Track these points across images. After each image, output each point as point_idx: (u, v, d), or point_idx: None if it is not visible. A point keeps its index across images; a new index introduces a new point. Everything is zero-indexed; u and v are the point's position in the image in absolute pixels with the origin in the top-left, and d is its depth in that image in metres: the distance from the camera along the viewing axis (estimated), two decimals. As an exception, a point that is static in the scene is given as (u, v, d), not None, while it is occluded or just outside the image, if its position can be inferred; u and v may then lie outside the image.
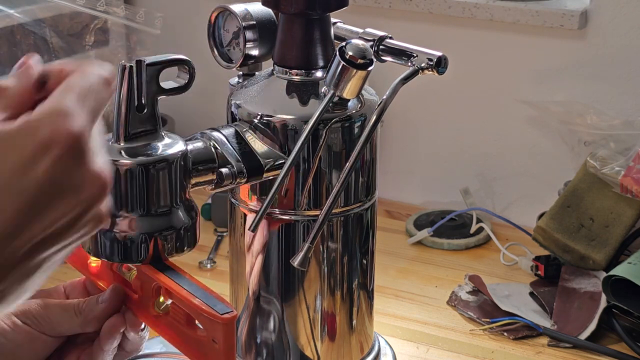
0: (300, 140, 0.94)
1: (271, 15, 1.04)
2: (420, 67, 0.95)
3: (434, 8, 1.55)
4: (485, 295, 1.33)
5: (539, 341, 1.26)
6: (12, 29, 1.47)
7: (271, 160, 0.97)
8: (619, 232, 1.37)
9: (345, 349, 1.08)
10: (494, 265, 1.45)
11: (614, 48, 1.47)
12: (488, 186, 1.60)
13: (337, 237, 1.04)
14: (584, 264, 1.37)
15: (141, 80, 0.86)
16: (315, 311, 1.05)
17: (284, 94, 1.00)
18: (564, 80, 1.51)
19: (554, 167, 1.54)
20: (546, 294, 1.34)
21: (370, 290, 1.09)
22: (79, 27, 1.53)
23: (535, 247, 1.42)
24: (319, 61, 1.00)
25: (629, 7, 1.45)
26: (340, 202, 1.02)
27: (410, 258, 1.48)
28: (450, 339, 1.27)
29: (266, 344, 1.07)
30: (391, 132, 1.64)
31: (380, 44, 1.00)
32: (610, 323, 1.26)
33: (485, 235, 1.51)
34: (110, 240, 0.88)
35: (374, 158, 1.04)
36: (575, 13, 1.47)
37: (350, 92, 0.94)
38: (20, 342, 0.89)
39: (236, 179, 0.95)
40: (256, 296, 1.06)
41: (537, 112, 1.53)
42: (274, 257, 1.03)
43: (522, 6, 1.49)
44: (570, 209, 1.40)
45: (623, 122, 1.43)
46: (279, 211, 1.01)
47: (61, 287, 0.96)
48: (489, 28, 1.54)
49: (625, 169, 1.35)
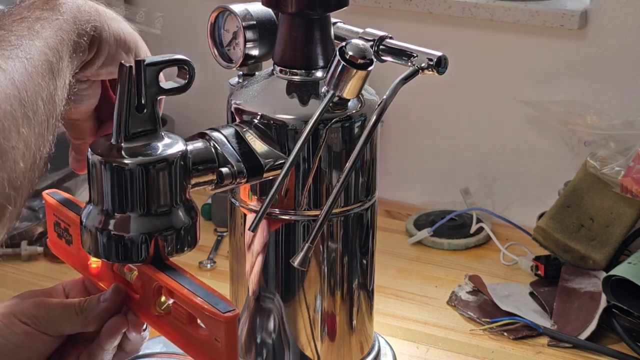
0: (300, 140, 0.94)
1: (271, 15, 1.04)
2: (420, 67, 0.95)
3: (434, 8, 1.55)
4: (485, 295, 1.33)
5: (539, 341, 1.26)
6: (12, 29, 1.46)
7: (271, 160, 0.97)
8: (619, 232, 1.38)
9: (345, 349, 1.08)
10: (494, 265, 1.45)
11: (614, 48, 1.47)
12: (488, 186, 1.60)
13: (337, 237, 1.04)
14: (584, 264, 1.37)
15: (141, 80, 0.86)
16: (315, 311, 1.05)
17: (284, 94, 1.00)
18: (564, 80, 1.51)
19: (554, 167, 1.54)
20: (546, 294, 1.34)
21: (370, 290, 1.09)
22: (79, 27, 1.52)
23: (535, 247, 1.42)
24: (319, 61, 1.00)
25: (629, 7, 1.45)
26: (340, 202, 1.02)
27: (410, 258, 1.48)
28: (450, 339, 1.27)
29: (266, 344, 1.07)
30: (391, 132, 1.64)
31: (380, 44, 1.00)
32: (610, 323, 1.26)
33: (485, 235, 1.51)
34: (111, 241, 0.88)
35: (374, 158, 1.04)
36: (575, 13, 1.47)
37: (350, 92, 0.94)
38: (21, 342, 0.89)
39: (236, 179, 0.95)
40: (256, 296, 1.06)
41: (537, 112, 1.53)
42: (274, 257, 1.03)
43: (522, 6, 1.50)
44: (570, 209, 1.40)
45: (623, 122, 1.43)
46: (279, 211, 1.01)
47: (60, 287, 0.96)
48: (489, 28, 1.54)
49: (625, 169, 1.35)
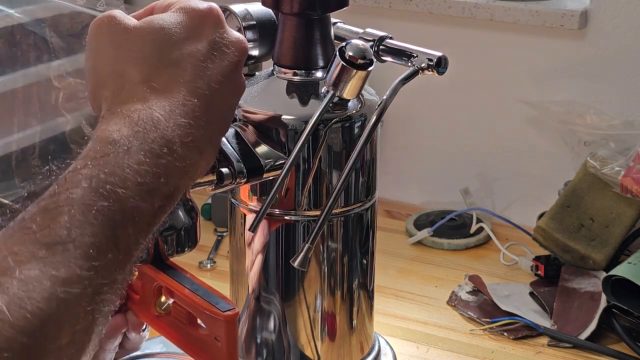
0: (301, 141, 0.94)
1: (271, 15, 1.04)
2: (420, 67, 0.95)
3: (434, 8, 1.55)
4: (485, 295, 1.33)
5: (539, 341, 1.26)
6: (12, 29, 1.47)
7: (271, 160, 0.97)
8: (619, 232, 1.38)
9: (345, 349, 1.08)
10: (494, 265, 1.45)
11: (614, 48, 1.47)
12: (488, 186, 1.60)
13: (337, 237, 1.04)
14: (584, 264, 1.37)
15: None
16: (315, 311, 1.05)
17: (284, 94, 1.00)
18: (564, 80, 1.51)
19: (554, 167, 1.54)
20: (546, 294, 1.34)
21: (370, 290, 1.09)
22: (79, 27, 1.53)
23: (535, 247, 1.42)
24: (319, 61, 1.00)
25: (629, 7, 1.45)
26: (340, 202, 1.02)
27: (410, 258, 1.48)
28: (450, 339, 1.27)
29: (266, 344, 1.07)
30: (391, 132, 1.64)
31: (380, 44, 1.00)
32: (610, 323, 1.26)
33: (485, 235, 1.51)
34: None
35: (374, 158, 1.04)
36: (575, 13, 1.47)
37: (350, 93, 0.94)
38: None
39: (236, 179, 0.94)
40: (256, 296, 1.06)
41: (537, 112, 1.53)
42: (274, 257, 1.03)
43: (522, 6, 1.49)
44: (570, 209, 1.40)
45: (623, 122, 1.43)
46: (279, 211, 1.01)
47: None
48: (489, 28, 1.54)
49: (625, 169, 1.35)
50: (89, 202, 0.63)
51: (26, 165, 1.47)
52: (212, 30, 0.76)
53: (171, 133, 0.70)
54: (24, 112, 1.49)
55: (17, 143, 1.48)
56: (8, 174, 1.46)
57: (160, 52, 0.74)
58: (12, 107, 1.48)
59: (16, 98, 1.48)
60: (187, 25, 0.75)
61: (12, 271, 0.58)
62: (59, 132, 1.52)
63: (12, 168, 1.46)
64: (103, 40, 0.76)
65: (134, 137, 0.68)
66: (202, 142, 0.74)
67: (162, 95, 0.72)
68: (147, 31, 0.74)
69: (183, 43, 0.75)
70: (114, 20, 0.75)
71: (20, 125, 1.48)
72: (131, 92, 0.72)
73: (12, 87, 1.48)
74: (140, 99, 0.71)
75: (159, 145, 0.69)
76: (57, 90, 1.50)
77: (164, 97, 0.72)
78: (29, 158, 1.48)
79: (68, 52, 1.51)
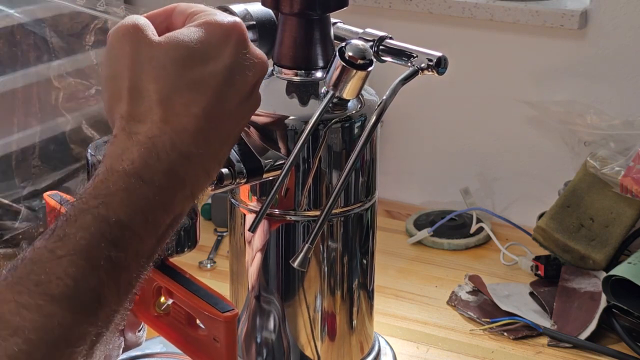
0: (301, 141, 0.94)
1: (271, 15, 1.04)
2: (420, 67, 0.95)
3: (434, 8, 1.55)
4: (485, 295, 1.33)
5: (539, 341, 1.26)
6: (12, 29, 1.47)
7: (271, 160, 0.97)
8: (619, 232, 1.38)
9: (345, 349, 1.08)
10: (494, 265, 1.45)
11: (614, 48, 1.47)
12: (488, 186, 1.60)
13: (337, 237, 1.04)
14: (584, 264, 1.37)
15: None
16: (315, 311, 1.05)
17: (284, 94, 1.00)
18: (564, 80, 1.51)
19: (554, 167, 1.54)
20: (546, 294, 1.34)
21: (370, 290, 1.09)
22: (79, 27, 1.53)
23: (535, 247, 1.42)
24: (319, 61, 1.00)
25: (629, 7, 1.45)
26: (340, 202, 1.02)
27: (410, 258, 1.48)
28: (450, 339, 1.27)
29: (266, 344, 1.07)
30: (391, 132, 1.64)
31: (380, 44, 1.00)
32: (610, 323, 1.26)
33: (485, 235, 1.51)
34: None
35: (374, 158, 1.04)
36: (575, 13, 1.47)
37: (350, 93, 0.94)
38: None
39: (236, 179, 0.94)
40: (256, 296, 1.06)
41: (537, 112, 1.53)
42: (274, 257, 1.03)
43: (522, 6, 1.49)
44: (570, 209, 1.40)
45: (623, 122, 1.43)
46: (279, 211, 1.01)
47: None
48: (489, 28, 1.54)
49: (625, 169, 1.35)
50: (97, 254, 0.67)
51: (26, 165, 1.47)
52: (236, 50, 0.75)
53: (182, 163, 0.71)
54: (24, 112, 1.49)
55: (17, 143, 1.47)
56: (8, 174, 1.46)
57: (183, 71, 0.73)
58: (12, 107, 1.48)
59: (16, 98, 1.48)
60: (211, 43, 0.74)
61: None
62: (59, 132, 1.52)
63: (12, 168, 1.46)
64: (125, 51, 0.74)
65: (145, 170, 0.70)
66: (211, 165, 0.75)
67: (177, 119, 0.72)
68: (172, 47, 0.73)
69: (207, 63, 0.74)
70: (140, 32, 0.74)
71: (20, 125, 1.48)
72: (148, 110, 0.72)
73: (12, 87, 1.48)
74: (156, 120, 0.71)
75: (167, 178, 0.71)
76: (57, 90, 1.50)
77: (180, 121, 0.72)
78: (29, 158, 1.48)
79: (68, 52, 1.51)
